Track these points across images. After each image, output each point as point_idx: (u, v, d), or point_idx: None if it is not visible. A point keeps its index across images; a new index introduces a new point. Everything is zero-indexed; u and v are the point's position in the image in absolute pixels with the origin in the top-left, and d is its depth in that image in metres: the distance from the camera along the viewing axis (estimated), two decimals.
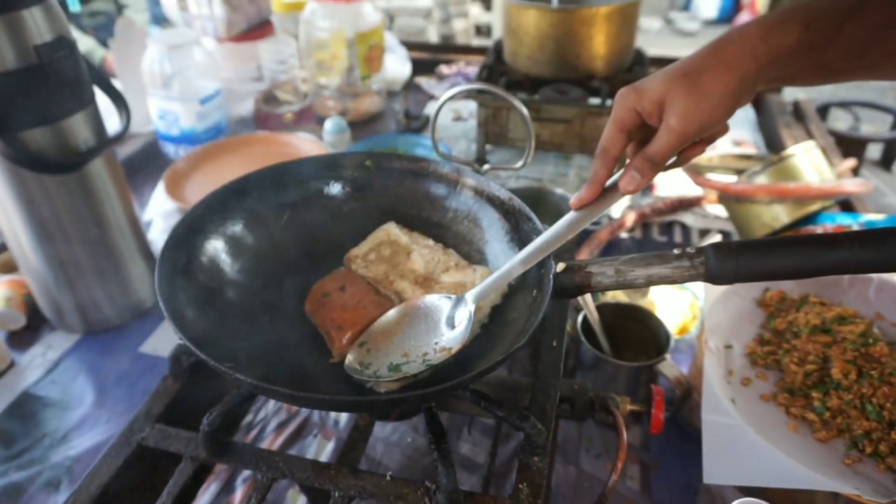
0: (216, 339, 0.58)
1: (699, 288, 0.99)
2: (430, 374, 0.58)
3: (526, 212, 0.68)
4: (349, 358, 0.60)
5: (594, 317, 0.87)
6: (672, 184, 1.38)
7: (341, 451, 0.73)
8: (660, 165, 0.58)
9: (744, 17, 5.58)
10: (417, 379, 0.57)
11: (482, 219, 0.72)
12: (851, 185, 1.05)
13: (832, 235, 0.58)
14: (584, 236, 1.20)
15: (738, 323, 0.80)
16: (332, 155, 0.80)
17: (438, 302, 0.62)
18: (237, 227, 0.71)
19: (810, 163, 1.10)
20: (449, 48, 2.14)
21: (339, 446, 0.84)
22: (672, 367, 0.81)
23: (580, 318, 0.87)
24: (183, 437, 0.63)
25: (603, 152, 0.59)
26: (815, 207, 1.06)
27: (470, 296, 0.60)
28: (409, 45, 2.03)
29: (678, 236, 1.25)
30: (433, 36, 3.43)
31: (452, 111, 1.75)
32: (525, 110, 0.99)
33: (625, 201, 1.35)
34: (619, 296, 0.97)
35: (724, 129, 0.59)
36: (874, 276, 0.80)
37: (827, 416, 0.66)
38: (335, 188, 0.77)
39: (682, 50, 1.86)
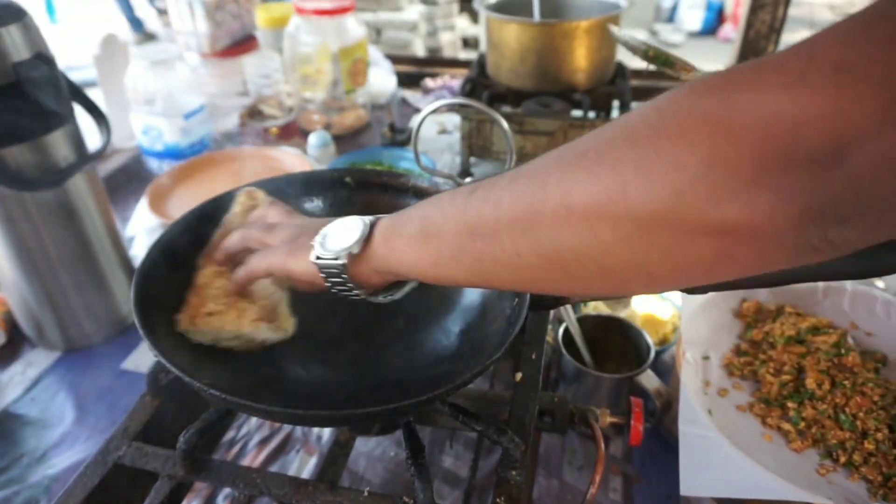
0: (192, 356, 0.58)
1: (680, 298, 0.99)
2: (405, 388, 0.57)
3: None
4: None
5: (575, 328, 0.87)
6: None
7: (322, 466, 0.73)
8: None
9: (727, 30, 5.66)
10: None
11: None
12: None
13: None
14: None
15: (715, 334, 0.81)
16: (311, 172, 0.80)
17: None
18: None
19: None
20: (434, 61, 2.16)
21: (321, 462, 0.84)
22: (652, 378, 0.81)
23: (561, 330, 0.87)
24: (160, 455, 0.62)
25: None
26: None
27: None
28: (395, 59, 2.04)
29: None
30: (420, 49, 3.46)
31: (437, 124, 1.76)
32: (505, 123, 1.00)
33: None
34: (600, 307, 0.97)
35: None
36: (848, 285, 0.81)
37: (802, 427, 0.67)
38: (314, 206, 0.77)
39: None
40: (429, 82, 1.97)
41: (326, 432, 0.87)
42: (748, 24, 1.64)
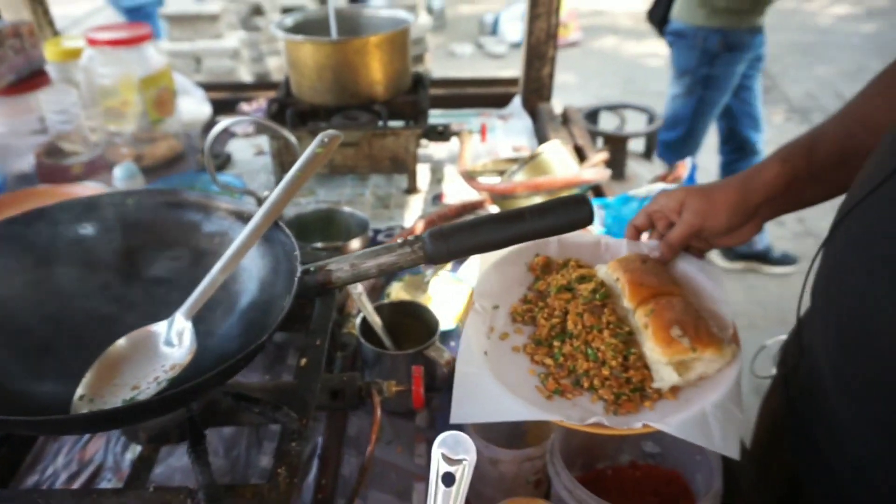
0: None
1: (472, 279, 1.10)
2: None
3: (280, 225, 0.75)
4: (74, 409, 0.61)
5: (372, 317, 0.94)
6: (458, 191, 1.51)
7: (126, 483, 0.74)
8: (674, 247, 0.83)
9: None
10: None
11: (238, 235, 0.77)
12: (589, 175, 1.24)
13: (518, 211, 0.70)
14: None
15: (509, 287, 0.87)
16: (88, 197, 0.81)
17: (152, 330, 0.66)
18: None
19: (558, 158, 1.27)
20: (249, 86, 2.17)
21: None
22: (441, 349, 0.91)
23: (359, 320, 0.94)
24: None
25: (631, 226, 0.87)
26: (564, 196, 1.23)
27: (180, 312, 0.65)
28: (209, 86, 2.03)
29: None
30: (246, 75, 3.43)
31: (254, 146, 1.79)
32: (293, 138, 1.06)
33: (416, 211, 1.46)
34: (401, 294, 1.06)
35: (738, 239, 0.83)
36: (624, 240, 0.90)
37: (561, 361, 0.76)
38: (89, 230, 0.78)
39: (494, 70, 2.07)
40: (244, 106, 1.99)
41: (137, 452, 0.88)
42: (529, 32, 1.83)
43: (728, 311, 0.79)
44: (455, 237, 0.68)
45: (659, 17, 2.83)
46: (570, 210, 0.69)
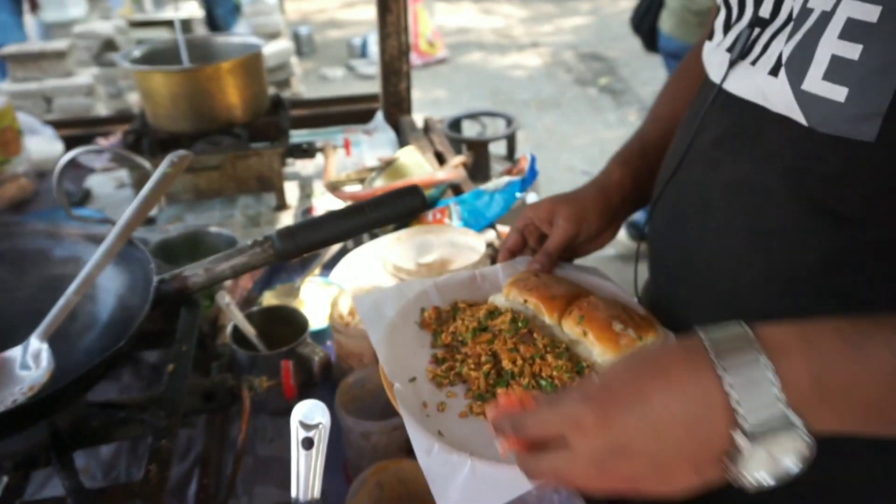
0: None
1: (342, 280, 1.16)
2: None
3: (134, 242, 0.78)
4: None
5: (243, 325, 0.98)
6: (327, 204, 1.57)
7: None
8: (553, 257, 0.82)
9: (412, 57, 6.32)
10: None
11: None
12: (443, 175, 1.34)
13: (358, 205, 0.78)
14: None
15: (412, 353, 0.76)
16: None
17: (6, 356, 0.68)
18: None
19: (414, 162, 1.37)
20: (104, 120, 2.12)
21: None
22: (313, 345, 0.96)
23: (230, 328, 0.98)
24: None
25: (505, 249, 0.86)
26: (398, 188, 1.31)
27: (35, 336, 0.68)
28: (59, 124, 1.97)
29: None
30: (105, 113, 3.30)
31: (115, 180, 1.75)
32: (147, 164, 1.09)
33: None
34: (272, 303, 1.10)
35: (599, 244, 0.87)
36: (498, 265, 0.86)
37: None
38: None
39: (367, 91, 2.14)
40: (101, 141, 1.94)
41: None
42: (383, 50, 1.93)
43: (630, 298, 0.80)
44: (302, 234, 0.75)
45: (646, 29, 2.76)
46: (405, 199, 0.78)
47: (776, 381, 0.41)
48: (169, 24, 4.40)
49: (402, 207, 0.77)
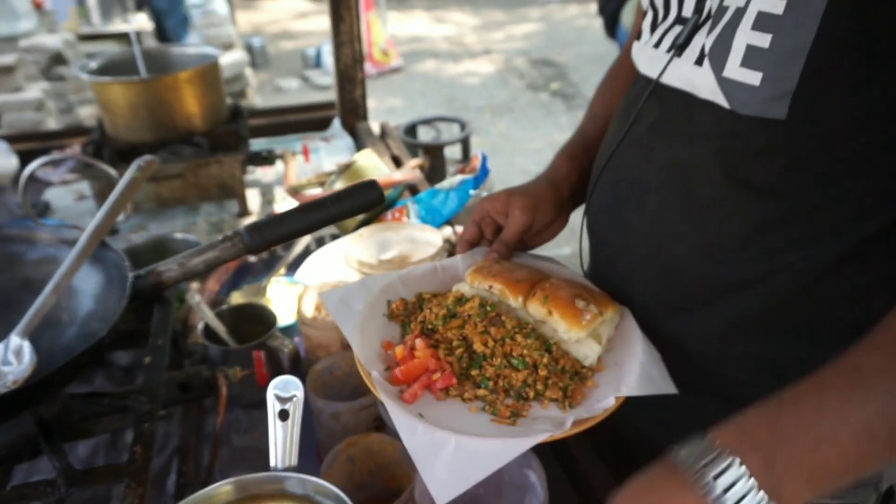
0: None
1: (307, 278, 1.21)
2: None
3: (107, 243, 0.82)
4: None
5: (214, 322, 1.03)
6: (288, 208, 1.62)
7: None
8: (511, 245, 0.85)
9: (367, 67, 6.37)
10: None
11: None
12: (399, 176, 1.41)
13: (319, 200, 0.84)
14: None
15: (382, 344, 0.78)
16: None
17: None
18: None
19: (371, 164, 1.43)
20: (58, 133, 2.11)
21: None
22: (282, 338, 1.01)
23: (201, 326, 1.02)
24: None
25: (463, 241, 0.88)
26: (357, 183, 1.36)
27: (15, 333, 0.71)
28: (12, 138, 1.96)
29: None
30: (55, 127, 3.25)
31: (74, 192, 1.76)
32: (113, 171, 1.12)
33: None
34: (239, 299, 1.15)
35: (550, 235, 0.91)
36: (458, 256, 0.88)
37: (492, 386, 0.70)
38: None
39: (323, 98, 2.19)
40: (58, 154, 1.94)
41: None
42: (337, 59, 1.99)
43: (585, 279, 0.84)
44: (269, 228, 0.80)
45: (609, 14, 2.73)
46: (363, 193, 0.84)
47: (747, 472, 0.51)
48: (118, 37, 4.37)
49: (361, 201, 0.84)
